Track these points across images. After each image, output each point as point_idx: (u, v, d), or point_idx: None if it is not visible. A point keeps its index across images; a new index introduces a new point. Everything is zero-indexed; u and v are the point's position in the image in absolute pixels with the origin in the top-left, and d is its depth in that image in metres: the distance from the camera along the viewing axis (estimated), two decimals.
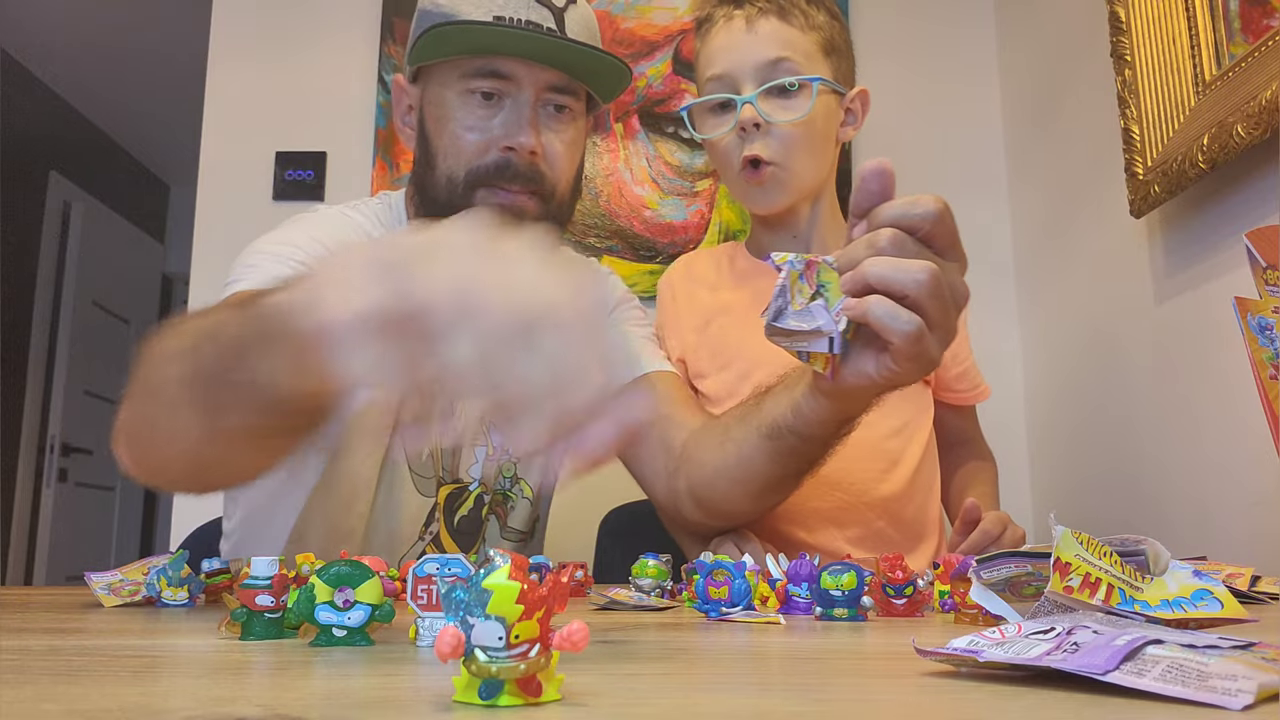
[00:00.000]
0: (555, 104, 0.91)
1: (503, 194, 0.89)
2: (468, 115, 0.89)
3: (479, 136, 0.89)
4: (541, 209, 0.91)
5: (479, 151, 0.89)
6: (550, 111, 0.91)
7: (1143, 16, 1.29)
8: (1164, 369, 1.33)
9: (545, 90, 0.90)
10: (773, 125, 0.99)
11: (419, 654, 0.41)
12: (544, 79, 0.89)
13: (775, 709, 0.29)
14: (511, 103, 0.89)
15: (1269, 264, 0.82)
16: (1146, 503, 1.37)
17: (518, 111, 0.89)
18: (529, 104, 0.89)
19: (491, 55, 0.88)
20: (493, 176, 0.89)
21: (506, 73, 0.88)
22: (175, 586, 0.66)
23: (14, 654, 0.40)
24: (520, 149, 0.88)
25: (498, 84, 0.89)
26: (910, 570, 0.61)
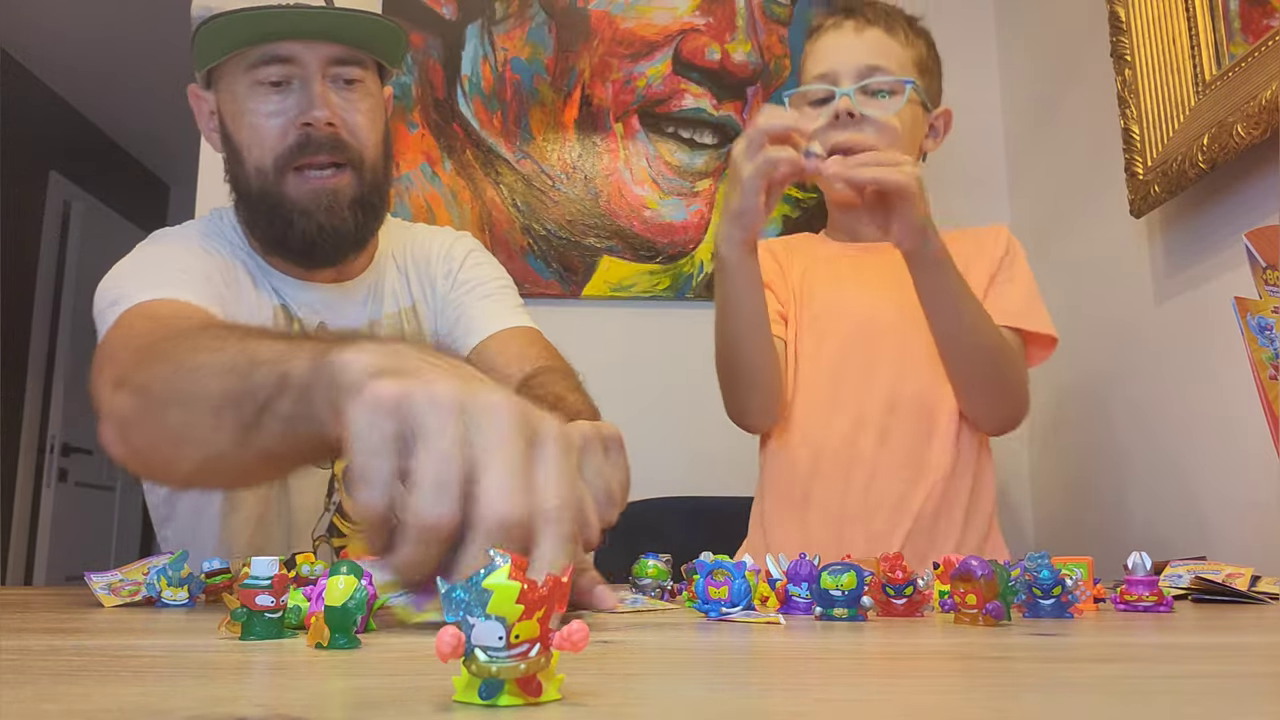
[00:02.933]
0: (344, 78, 0.93)
1: (313, 174, 0.92)
2: (262, 105, 0.92)
3: (277, 121, 0.91)
4: (356, 183, 0.93)
5: (279, 135, 0.91)
6: (340, 85, 0.93)
7: (1143, 16, 1.29)
8: (1164, 369, 1.33)
9: (329, 65, 0.92)
10: (866, 117, 1.06)
11: (419, 654, 0.41)
12: (325, 54, 0.91)
13: (775, 709, 0.29)
14: (299, 83, 0.91)
15: (1269, 264, 0.82)
16: (1146, 503, 1.37)
17: (307, 89, 0.91)
18: (316, 80, 0.91)
19: (267, 41, 0.90)
20: (297, 155, 0.91)
21: (287, 55, 0.90)
22: (175, 586, 0.66)
23: (14, 654, 0.40)
24: (317, 122, 0.90)
25: (282, 69, 0.91)
26: (910, 570, 0.61)
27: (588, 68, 1.83)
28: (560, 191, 1.80)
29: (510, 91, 1.82)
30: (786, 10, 1.86)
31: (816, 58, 1.13)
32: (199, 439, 0.63)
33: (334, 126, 0.91)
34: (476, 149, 1.80)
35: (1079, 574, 0.61)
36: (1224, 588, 0.72)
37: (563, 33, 1.84)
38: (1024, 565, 0.59)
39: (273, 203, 0.93)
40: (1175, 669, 0.38)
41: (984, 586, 0.53)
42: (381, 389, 0.47)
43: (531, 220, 1.78)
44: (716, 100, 1.83)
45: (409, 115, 1.80)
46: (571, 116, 1.82)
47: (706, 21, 1.85)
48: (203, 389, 0.62)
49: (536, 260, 1.77)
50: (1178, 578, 0.77)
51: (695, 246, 1.79)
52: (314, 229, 0.92)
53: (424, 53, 1.82)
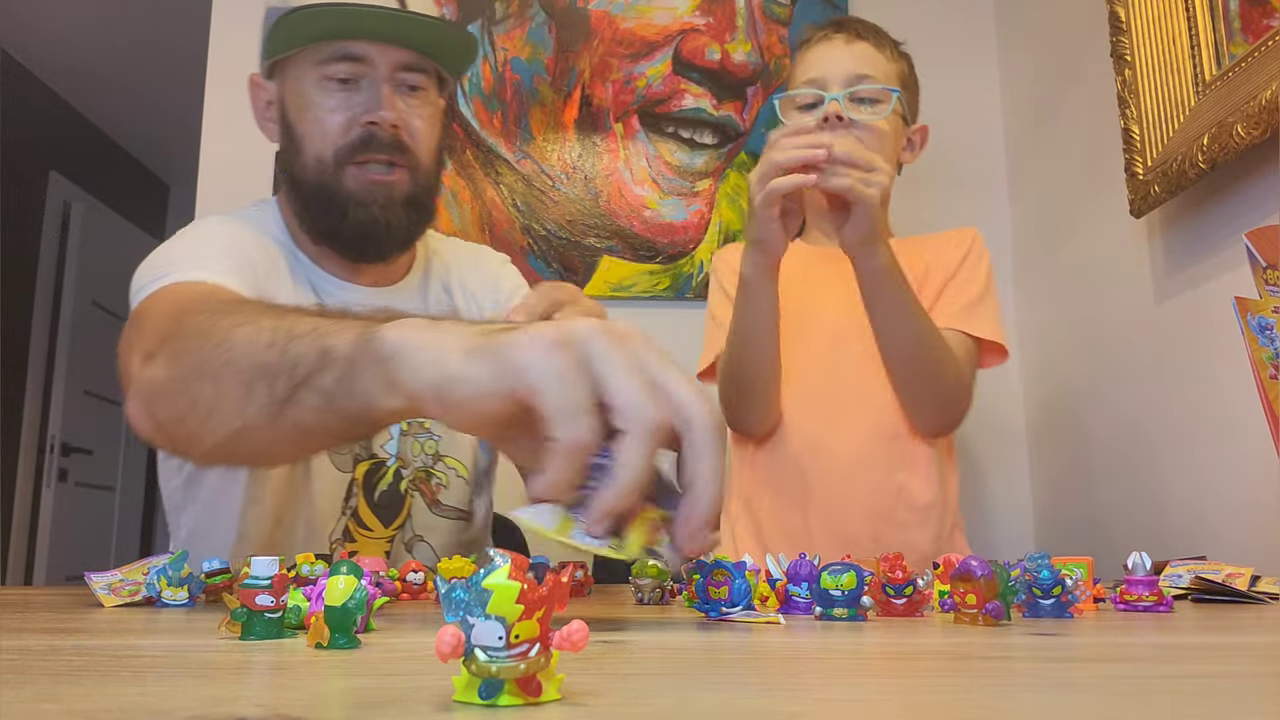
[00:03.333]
0: (409, 83, 0.96)
1: (372, 170, 0.94)
2: (328, 99, 0.94)
3: (341, 116, 0.94)
4: (411, 183, 0.96)
5: (343, 130, 0.94)
6: (405, 91, 0.96)
7: (1143, 16, 1.29)
8: (1164, 369, 1.33)
9: (397, 69, 0.95)
10: (854, 122, 1.12)
11: (419, 654, 0.41)
12: (395, 58, 0.94)
13: (775, 709, 0.29)
14: (367, 83, 0.94)
15: (1269, 264, 0.82)
16: (1146, 503, 1.37)
17: (374, 89, 0.94)
18: (384, 82, 0.94)
19: (341, 39, 0.93)
20: (359, 151, 0.93)
21: (359, 54, 0.93)
22: (175, 586, 0.66)
23: (14, 654, 0.40)
24: (382, 122, 0.93)
25: (352, 67, 0.94)
26: (910, 570, 0.61)
27: (588, 68, 1.83)
28: (560, 191, 1.80)
29: (510, 91, 1.82)
30: (786, 10, 1.86)
31: (806, 65, 1.18)
32: (228, 411, 0.63)
33: (397, 128, 0.94)
34: (476, 149, 1.80)
35: (1079, 574, 0.61)
36: (1224, 588, 0.72)
37: (563, 33, 1.84)
38: (1024, 565, 0.59)
39: (329, 193, 0.95)
40: (1175, 669, 0.38)
41: (984, 586, 0.53)
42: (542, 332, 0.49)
43: (531, 220, 1.78)
44: (716, 100, 1.83)
45: None
46: (571, 116, 1.82)
47: (706, 21, 1.85)
48: (235, 361, 0.62)
49: (536, 260, 1.77)
50: (1178, 578, 0.77)
51: (695, 246, 1.79)
52: (368, 220, 0.95)
53: None
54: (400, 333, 0.54)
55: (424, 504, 1.04)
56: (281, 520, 0.97)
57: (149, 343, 0.74)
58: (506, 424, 0.51)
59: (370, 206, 0.94)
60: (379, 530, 1.00)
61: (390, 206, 0.95)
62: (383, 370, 0.53)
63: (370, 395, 0.54)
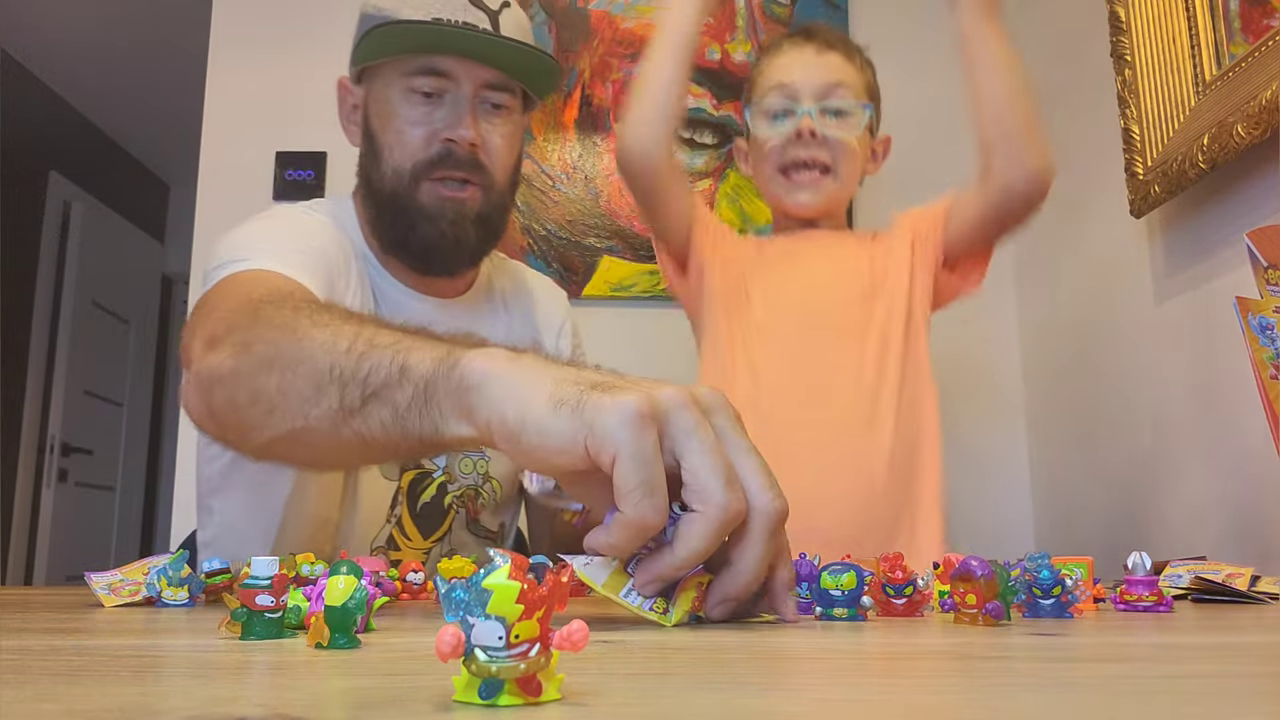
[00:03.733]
0: (492, 101, 0.97)
1: (446, 186, 0.95)
2: (411, 111, 0.95)
3: (422, 130, 0.95)
4: (484, 201, 0.97)
5: (423, 144, 0.94)
6: (488, 109, 0.97)
7: (1143, 16, 1.29)
8: (1164, 369, 1.33)
9: (482, 88, 0.96)
10: (828, 137, 1.13)
11: (419, 654, 0.41)
12: (481, 76, 0.95)
13: (775, 709, 0.29)
14: (451, 99, 0.95)
15: (1269, 264, 0.82)
16: (1146, 503, 1.37)
17: (457, 107, 0.95)
18: (468, 100, 0.95)
19: (431, 54, 0.94)
20: (436, 166, 0.94)
21: (445, 70, 0.94)
22: (175, 586, 0.66)
23: (14, 654, 0.40)
24: (461, 140, 0.94)
25: (438, 82, 0.95)
26: (910, 570, 0.61)
27: (588, 68, 1.83)
28: (560, 191, 1.80)
29: None
30: (786, 10, 1.86)
31: (774, 71, 1.17)
32: (293, 409, 0.62)
33: (476, 147, 0.95)
34: None
35: (1079, 574, 0.61)
36: (1224, 588, 0.72)
37: (563, 33, 1.84)
38: (1024, 565, 0.59)
39: (402, 204, 0.96)
40: (1175, 669, 0.38)
41: (984, 586, 0.53)
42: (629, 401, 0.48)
43: (531, 220, 1.78)
44: (716, 100, 1.83)
45: None
46: (571, 116, 1.82)
47: (706, 21, 1.85)
48: (309, 359, 0.62)
49: (536, 260, 1.77)
50: (1178, 578, 0.77)
51: None
52: (436, 234, 0.95)
53: None
54: (486, 364, 0.53)
55: (463, 520, 1.04)
56: (326, 522, 0.96)
57: (216, 327, 0.73)
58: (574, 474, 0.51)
59: (440, 221, 0.95)
60: (418, 541, 1.00)
61: (460, 223, 0.95)
62: (462, 399, 0.53)
63: (443, 420, 0.54)
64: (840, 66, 1.17)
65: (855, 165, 1.17)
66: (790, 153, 1.12)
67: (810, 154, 1.11)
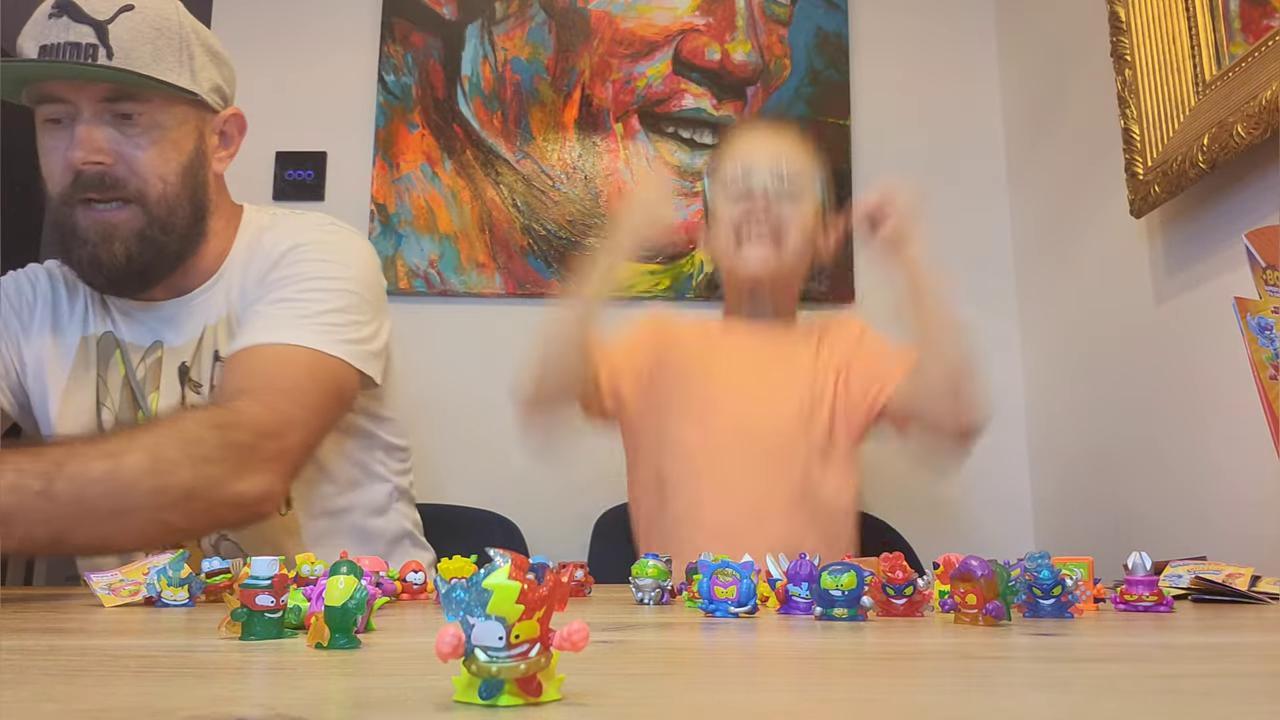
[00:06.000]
0: (120, 112, 0.94)
1: (92, 210, 0.94)
2: (49, 140, 0.96)
3: (57, 157, 0.95)
4: (140, 218, 0.95)
5: (64, 173, 0.94)
6: (116, 120, 0.94)
7: (1143, 16, 1.29)
8: (1164, 369, 1.33)
9: (99, 102, 0.93)
10: (780, 210, 1.20)
11: (419, 654, 0.41)
12: (95, 93, 0.93)
13: (775, 709, 0.29)
14: (72, 122, 0.94)
15: (1269, 264, 0.82)
16: (1146, 503, 1.37)
17: (74, 129, 0.94)
18: (86, 120, 0.93)
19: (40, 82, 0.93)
20: (76, 192, 0.94)
21: (59, 95, 0.93)
22: (175, 586, 0.66)
23: (14, 654, 0.40)
24: (74, 162, 0.93)
25: (59, 108, 0.94)
26: (910, 570, 0.61)
27: (588, 68, 1.83)
28: (560, 191, 1.80)
29: (510, 91, 1.82)
30: (786, 10, 1.86)
31: (735, 154, 1.26)
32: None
33: (102, 165, 0.93)
34: (476, 149, 1.80)
35: (1079, 574, 0.61)
36: (1224, 588, 0.72)
37: (563, 33, 1.84)
38: (1024, 565, 0.60)
39: (63, 232, 0.96)
40: (1175, 669, 0.38)
41: (984, 586, 0.53)
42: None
43: (531, 220, 1.78)
44: (716, 100, 1.83)
45: (409, 115, 1.80)
46: (571, 116, 1.82)
47: (706, 21, 1.85)
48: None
49: (536, 260, 1.77)
50: (1178, 578, 0.77)
51: (695, 246, 1.79)
52: (87, 258, 0.95)
53: (424, 53, 1.82)
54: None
55: None
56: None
57: None
58: None
59: (87, 244, 0.95)
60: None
61: (106, 244, 0.94)
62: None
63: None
64: (791, 152, 1.25)
65: (805, 238, 1.23)
66: (745, 224, 1.21)
67: (763, 223, 1.20)
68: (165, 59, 0.95)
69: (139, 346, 1.01)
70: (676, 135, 1.82)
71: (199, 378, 1.00)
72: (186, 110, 0.98)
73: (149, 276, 0.99)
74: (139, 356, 1.01)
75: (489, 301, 1.77)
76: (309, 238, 1.03)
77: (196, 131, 1.00)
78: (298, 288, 0.99)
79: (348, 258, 1.04)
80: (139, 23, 0.93)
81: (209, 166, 1.02)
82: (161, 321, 1.02)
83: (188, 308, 1.02)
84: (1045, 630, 0.51)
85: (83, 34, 0.91)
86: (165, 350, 1.01)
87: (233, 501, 0.85)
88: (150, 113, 0.95)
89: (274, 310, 0.97)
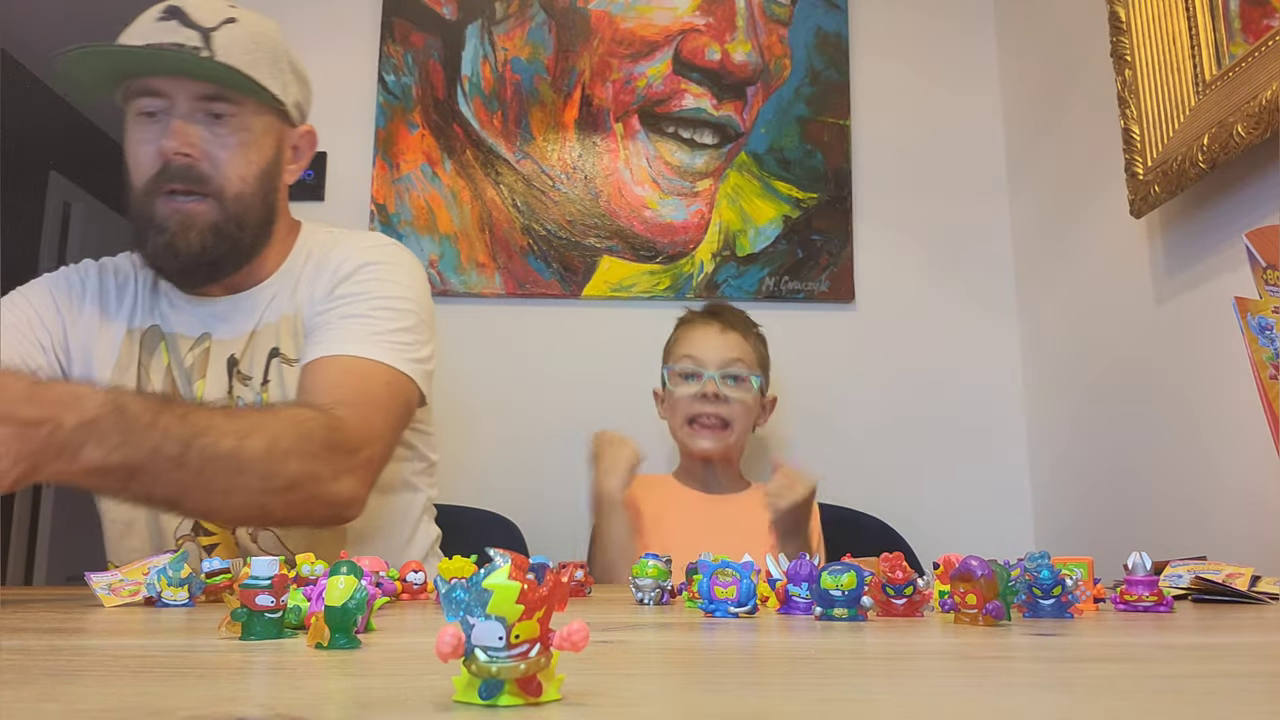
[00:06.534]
0: (212, 112, 1.00)
1: (174, 200, 0.99)
2: (138, 132, 1.00)
3: (147, 148, 0.99)
4: (217, 211, 1.00)
5: (152, 162, 0.99)
6: (208, 119, 1.00)
7: (1143, 16, 1.29)
8: (1164, 369, 1.33)
9: (196, 100, 0.99)
10: (726, 398, 1.41)
11: (419, 654, 0.41)
12: (191, 90, 0.98)
13: (775, 709, 0.29)
14: (166, 116, 0.99)
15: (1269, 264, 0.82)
16: (1146, 503, 1.37)
17: (169, 122, 0.99)
18: (181, 115, 0.99)
19: (136, 76, 0.98)
20: (159, 180, 0.99)
21: (158, 90, 0.98)
22: (175, 586, 0.66)
23: (14, 654, 0.40)
24: (166, 151, 0.98)
25: (155, 102, 0.99)
26: (910, 570, 0.61)
27: (588, 68, 1.83)
28: (560, 191, 1.80)
29: (510, 91, 1.82)
30: (786, 10, 1.86)
31: (688, 342, 1.46)
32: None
33: (189, 157, 0.98)
34: (476, 149, 1.80)
35: (1079, 574, 0.61)
36: (1224, 588, 0.72)
37: (563, 33, 1.84)
38: (1024, 565, 0.59)
39: (142, 220, 1.00)
40: (1175, 669, 0.38)
41: (984, 586, 0.53)
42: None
43: (531, 220, 1.78)
44: (716, 100, 1.83)
45: (409, 116, 1.80)
46: (571, 116, 1.82)
47: (706, 21, 1.85)
48: None
49: (536, 260, 1.77)
50: (1178, 578, 0.77)
51: (695, 246, 1.79)
52: (162, 245, 1.00)
53: (424, 53, 1.82)
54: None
55: None
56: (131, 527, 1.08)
57: None
58: None
59: (165, 233, 0.99)
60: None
61: (184, 233, 0.99)
62: None
63: None
64: (738, 344, 1.44)
65: (748, 420, 1.45)
66: (696, 408, 1.41)
67: (713, 410, 1.41)
68: (261, 70, 1.01)
69: (188, 337, 1.06)
70: (676, 135, 1.82)
71: (249, 371, 1.04)
72: (271, 120, 1.05)
73: (217, 269, 1.03)
74: (187, 346, 1.06)
75: (489, 301, 1.77)
76: (377, 257, 1.09)
77: (277, 140, 1.06)
78: (369, 305, 1.04)
79: (410, 280, 1.10)
80: (241, 34, 1.00)
81: (281, 175, 1.08)
82: (212, 316, 1.06)
83: (240, 305, 1.07)
84: (1045, 630, 0.51)
85: (190, 37, 0.97)
86: (214, 342, 1.06)
87: (327, 500, 0.91)
88: (240, 116, 1.01)
89: (349, 324, 1.02)
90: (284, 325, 1.06)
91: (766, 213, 1.80)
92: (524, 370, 1.76)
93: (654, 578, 0.72)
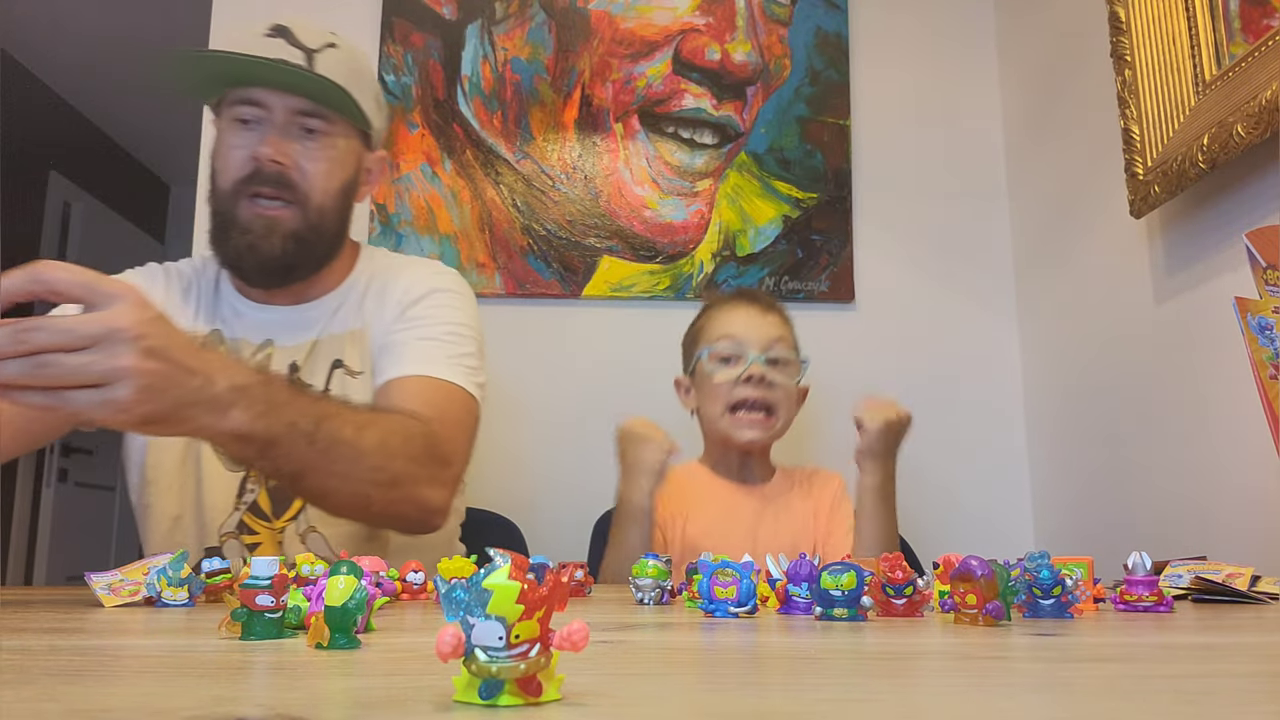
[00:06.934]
0: (306, 126, 1.05)
1: (258, 203, 1.04)
2: (233, 137, 1.06)
3: (240, 152, 1.04)
4: (299, 219, 1.05)
5: (240, 165, 1.04)
6: (301, 133, 1.05)
7: (1143, 16, 1.29)
8: (1164, 369, 1.33)
9: (294, 114, 1.05)
10: (774, 382, 1.29)
11: (419, 654, 0.41)
12: (290, 104, 1.04)
13: (775, 709, 0.29)
14: (261, 125, 1.05)
15: (1269, 264, 0.82)
16: (1146, 503, 1.37)
17: (264, 130, 1.05)
18: (276, 124, 1.04)
19: (241, 85, 1.04)
20: (247, 183, 1.04)
21: (256, 99, 1.04)
22: (175, 586, 0.66)
23: (14, 654, 0.40)
24: (260, 156, 1.03)
25: (251, 110, 1.04)
26: (910, 570, 0.61)
27: (588, 68, 1.83)
28: (560, 191, 1.80)
29: (510, 91, 1.82)
30: (786, 10, 1.86)
31: (727, 322, 1.34)
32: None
33: (281, 165, 1.03)
34: (476, 149, 1.80)
35: (1079, 574, 0.61)
36: (1224, 588, 0.72)
37: (563, 33, 1.84)
38: (1024, 565, 0.60)
39: (225, 220, 1.05)
40: (1175, 669, 0.38)
41: (984, 586, 0.53)
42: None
43: (531, 220, 1.78)
44: (716, 100, 1.83)
45: (409, 115, 1.80)
46: (571, 116, 1.82)
47: (706, 21, 1.85)
48: None
49: (536, 260, 1.77)
50: (1178, 578, 0.77)
51: (695, 246, 1.79)
52: (245, 246, 1.04)
53: (424, 53, 1.82)
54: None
55: None
56: (179, 521, 1.07)
57: None
58: None
59: (249, 234, 1.04)
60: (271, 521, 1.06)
61: (268, 237, 1.04)
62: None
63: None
64: (778, 323, 1.33)
65: (792, 408, 1.33)
66: (740, 392, 1.28)
67: (759, 394, 1.28)
68: (356, 93, 1.07)
69: (250, 343, 1.10)
70: (676, 135, 1.82)
71: (309, 378, 1.08)
72: (355, 141, 1.11)
73: (292, 273, 1.08)
74: (250, 351, 1.09)
75: (489, 301, 1.77)
76: (444, 284, 1.16)
77: (357, 160, 1.12)
78: (441, 329, 1.10)
79: (471, 307, 1.17)
80: (341, 58, 1.07)
81: (355, 194, 1.13)
82: (275, 324, 1.11)
83: (303, 314, 1.11)
84: (1045, 630, 0.51)
85: (295, 55, 1.04)
86: (276, 348, 1.10)
87: (421, 503, 0.95)
88: (331, 133, 1.07)
89: (425, 346, 1.07)
90: (349, 339, 1.10)
91: (766, 213, 1.80)
92: (524, 370, 1.76)
93: (654, 578, 0.72)
